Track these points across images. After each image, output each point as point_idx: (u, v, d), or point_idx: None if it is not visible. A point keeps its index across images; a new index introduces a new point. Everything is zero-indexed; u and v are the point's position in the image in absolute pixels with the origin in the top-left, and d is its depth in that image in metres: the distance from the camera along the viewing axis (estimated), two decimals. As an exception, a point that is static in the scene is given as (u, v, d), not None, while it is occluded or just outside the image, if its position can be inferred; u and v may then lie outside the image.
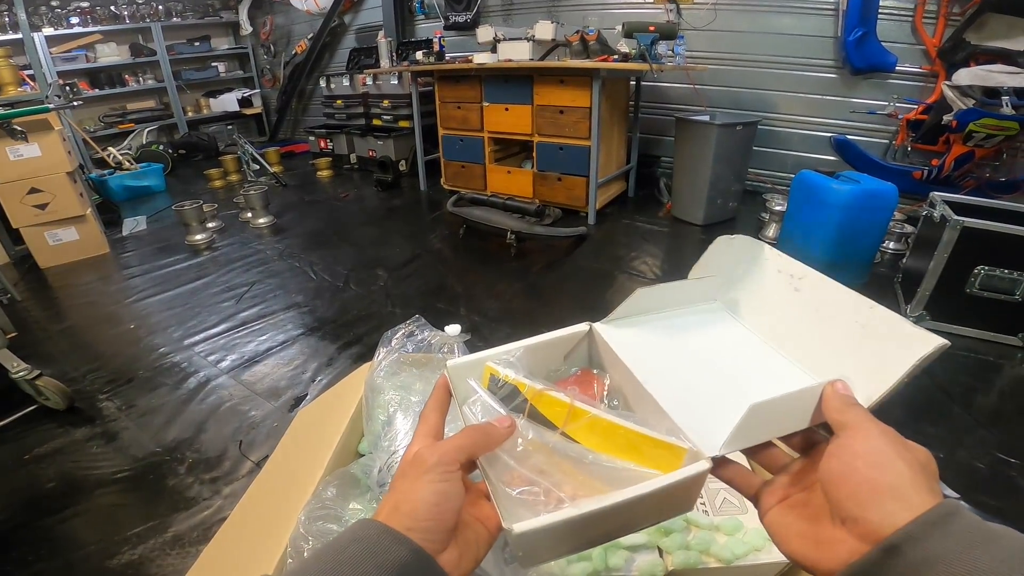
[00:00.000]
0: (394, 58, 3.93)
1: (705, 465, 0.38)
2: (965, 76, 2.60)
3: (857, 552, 0.30)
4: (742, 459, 0.56)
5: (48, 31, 4.91)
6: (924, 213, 2.02)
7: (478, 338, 1.95)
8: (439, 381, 0.47)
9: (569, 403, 0.42)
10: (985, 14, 2.59)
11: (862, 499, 0.30)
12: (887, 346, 0.40)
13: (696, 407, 0.43)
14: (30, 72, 3.60)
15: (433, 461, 0.38)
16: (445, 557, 0.37)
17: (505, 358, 0.47)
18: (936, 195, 2.00)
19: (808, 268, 0.50)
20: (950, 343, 0.36)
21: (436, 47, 3.61)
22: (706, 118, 2.93)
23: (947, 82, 2.68)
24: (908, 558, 0.28)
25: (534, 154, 3.28)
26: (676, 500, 0.41)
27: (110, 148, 4.44)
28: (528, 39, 3.07)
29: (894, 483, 0.30)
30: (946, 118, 2.62)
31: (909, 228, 2.61)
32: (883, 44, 2.92)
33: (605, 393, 0.49)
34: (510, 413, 0.43)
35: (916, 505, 0.29)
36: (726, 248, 0.56)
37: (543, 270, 2.56)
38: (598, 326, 0.53)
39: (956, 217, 1.77)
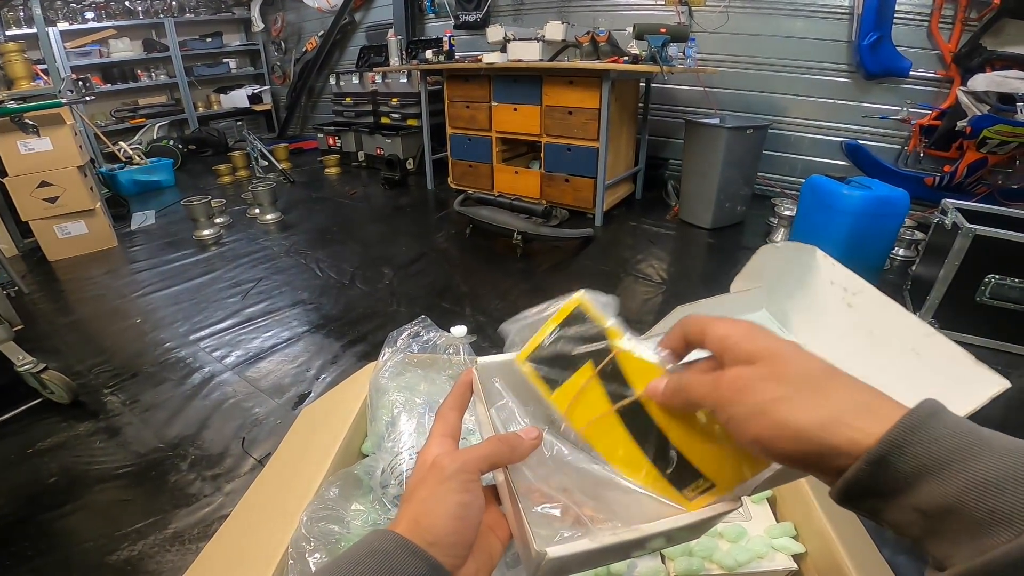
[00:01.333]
0: (404, 56, 3.93)
1: (734, 506, 0.37)
2: (981, 82, 2.57)
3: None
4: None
5: (63, 26, 4.95)
6: (935, 220, 2.00)
7: (483, 338, 1.94)
8: (462, 378, 0.44)
9: (657, 367, 0.37)
10: (1002, 20, 2.57)
11: (854, 415, 0.28)
12: (945, 381, 0.37)
13: None
14: (44, 67, 3.61)
15: (454, 468, 0.36)
16: (463, 572, 0.36)
17: (601, 300, 0.42)
18: (948, 202, 1.98)
19: (864, 283, 0.46)
20: (1011, 384, 0.33)
21: (446, 46, 3.61)
22: (716, 121, 2.91)
23: (962, 87, 2.65)
24: (898, 469, 0.26)
25: (542, 155, 3.27)
26: (693, 532, 0.40)
27: (121, 143, 4.45)
28: (538, 39, 3.06)
29: (866, 396, 0.29)
30: (960, 124, 2.59)
31: (919, 235, 2.58)
32: (898, 49, 2.90)
33: None
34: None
35: (887, 416, 0.27)
36: (772, 256, 0.53)
37: (549, 271, 2.55)
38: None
39: (968, 225, 1.75)
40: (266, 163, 4.43)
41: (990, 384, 0.33)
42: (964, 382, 0.35)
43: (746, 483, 0.36)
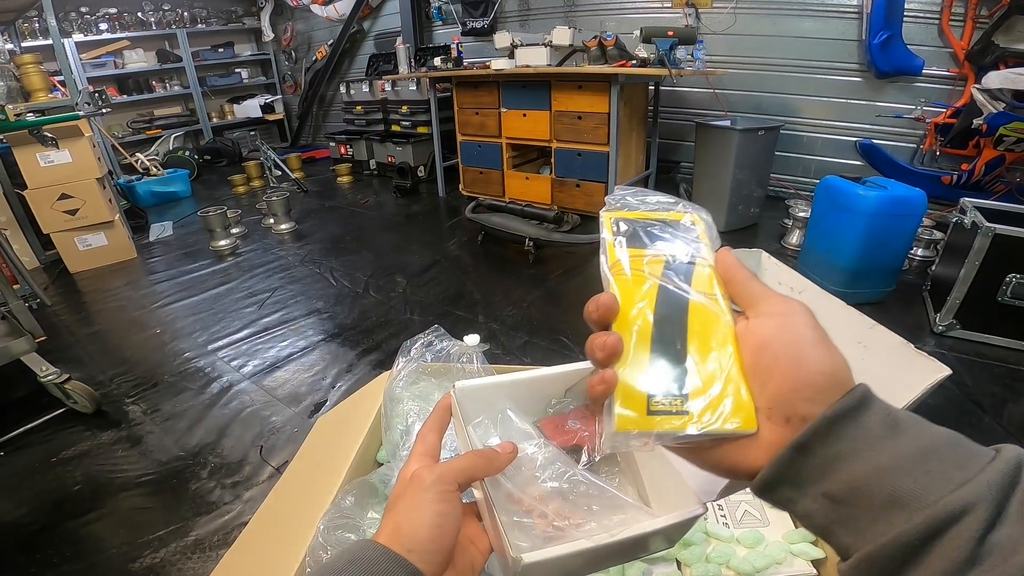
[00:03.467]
0: (412, 64, 3.96)
1: (700, 511, 0.38)
2: (995, 79, 2.54)
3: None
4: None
5: (78, 37, 5.05)
6: (954, 219, 1.97)
7: (496, 345, 1.95)
8: (441, 402, 0.47)
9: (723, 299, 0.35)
10: (1013, 17, 2.53)
11: (813, 393, 0.28)
12: (890, 370, 0.38)
13: None
14: (60, 78, 3.68)
15: (432, 480, 0.38)
16: None
17: (714, 234, 0.39)
18: (967, 201, 1.95)
19: (806, 281, 0.48)
20: (952, 372, 0.34)
21: (454, 53, 3.64)
22: (727, 123, 2.90)
23: (976, 85, 2.62)
24: (817, 456, 0.27)
25: (552, 160, 3.28)
26: (667, 538, 0.41)
27: (138, 154, 4.53)
28: (545, 45, 3.07)
29: (836, 372, 0.28)
30: (976, 122, 2.56)
31: (938, 234, 2.54)
32: (909, 47, 2.87)
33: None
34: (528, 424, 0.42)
35: (826, 401, 0.27)
36: None
37: (561, 277, 2.55)
38: None
39: (988, 224, 1.72)
40: (280, 173, 4.49)
41: (932, 371, 0.34)
42: (909, 371, 0.36)
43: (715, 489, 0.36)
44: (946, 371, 0.35)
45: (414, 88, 4.31)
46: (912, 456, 0.25)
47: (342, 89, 4.93)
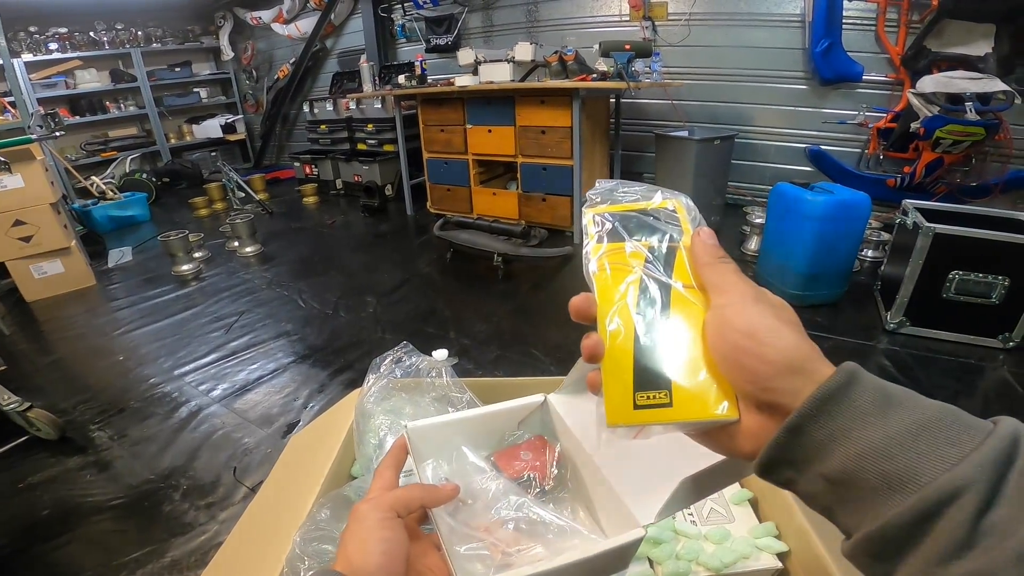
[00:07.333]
0: (377, 82, 3.97)
1: (640, 534, 0.39)
2: (928, 83, 2.66)
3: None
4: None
5: (27, 57, 4.90)
6: (898, 221, 2.07)
7: (468, 360, 1.97)
8: (397, 441, 0.49)
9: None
10: (943, 21, 2.65)
11: (768, 382, 0.28)
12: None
13: (644, 470, 0.43)
14: (11, 99, 3.56)
15: (367, 509, 0.40)
16: None
17: (695, 215, 0.39)
18: (908, 203, 2.05)
19: None
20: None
21: (418, 70, 3.66)
22: (685, 133, 2.99)
23: (912, 90, 2.74)
24: (812, 437, 0.27)
25: (518, 175, 3.33)
26: (613, 562, 0.42)
27: (93, 177, 4.41)
28: (508, 61, 3.13)
29: (789, 356, 0.28)
30: (914, 126, 2.67)
31: (886, 236, 2.65)
32: (849, 54, 3.00)
33: (555, 460, 0.50)
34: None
35: (817, 376, 0.27)
36: None
37: (531, 291, 2.59)
38: (552, 398, 0.54)
39: (928, 224, 1.82)
40: (243, 194, 4.42)
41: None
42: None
43: (699, 487, 0.38)
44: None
45: (379, 106, 4.33)
46: (904, 434, 0.25)
47: (305, 108, 4.91)
